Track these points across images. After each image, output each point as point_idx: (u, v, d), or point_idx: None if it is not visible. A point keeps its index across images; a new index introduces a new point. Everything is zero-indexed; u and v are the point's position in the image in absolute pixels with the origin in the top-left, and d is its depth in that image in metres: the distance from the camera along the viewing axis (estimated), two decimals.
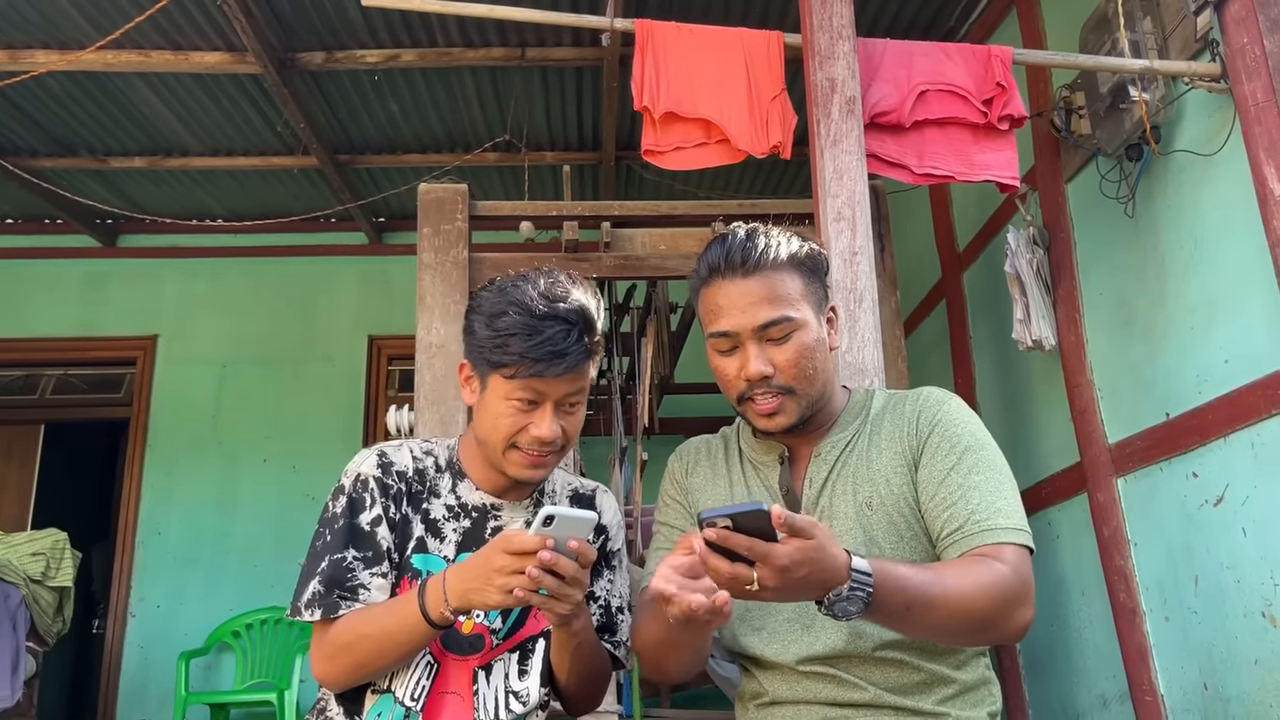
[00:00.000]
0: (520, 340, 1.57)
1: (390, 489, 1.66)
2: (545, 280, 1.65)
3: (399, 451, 1.72)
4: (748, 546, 1.22)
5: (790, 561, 1.22)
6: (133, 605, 5.82)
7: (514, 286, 1.64)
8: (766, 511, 1.21)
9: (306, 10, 4.16)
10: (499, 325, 1.60)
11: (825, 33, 2.55)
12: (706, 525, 1.23)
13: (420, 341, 3.38)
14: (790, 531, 1.23)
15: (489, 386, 1.63)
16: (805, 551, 1.23)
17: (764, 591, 1.24)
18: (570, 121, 5.16)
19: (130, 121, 5.05)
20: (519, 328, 1.58)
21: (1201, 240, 2.90)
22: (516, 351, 1.57)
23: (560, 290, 1.64)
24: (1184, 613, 3.01)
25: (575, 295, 1.64)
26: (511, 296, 1.62)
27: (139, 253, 6.35)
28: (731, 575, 1.23)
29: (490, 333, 1.61)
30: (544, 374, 1.58)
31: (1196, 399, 2.92)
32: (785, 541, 1.22)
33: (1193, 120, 2.94)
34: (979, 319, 4.42)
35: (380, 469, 1.67)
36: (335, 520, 1.63)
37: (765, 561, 1.22)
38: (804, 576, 1.23)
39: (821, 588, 1.27)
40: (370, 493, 1.65)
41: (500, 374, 1.60)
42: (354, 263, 6.40)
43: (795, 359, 1.57)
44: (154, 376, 6.15)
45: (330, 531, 1.63)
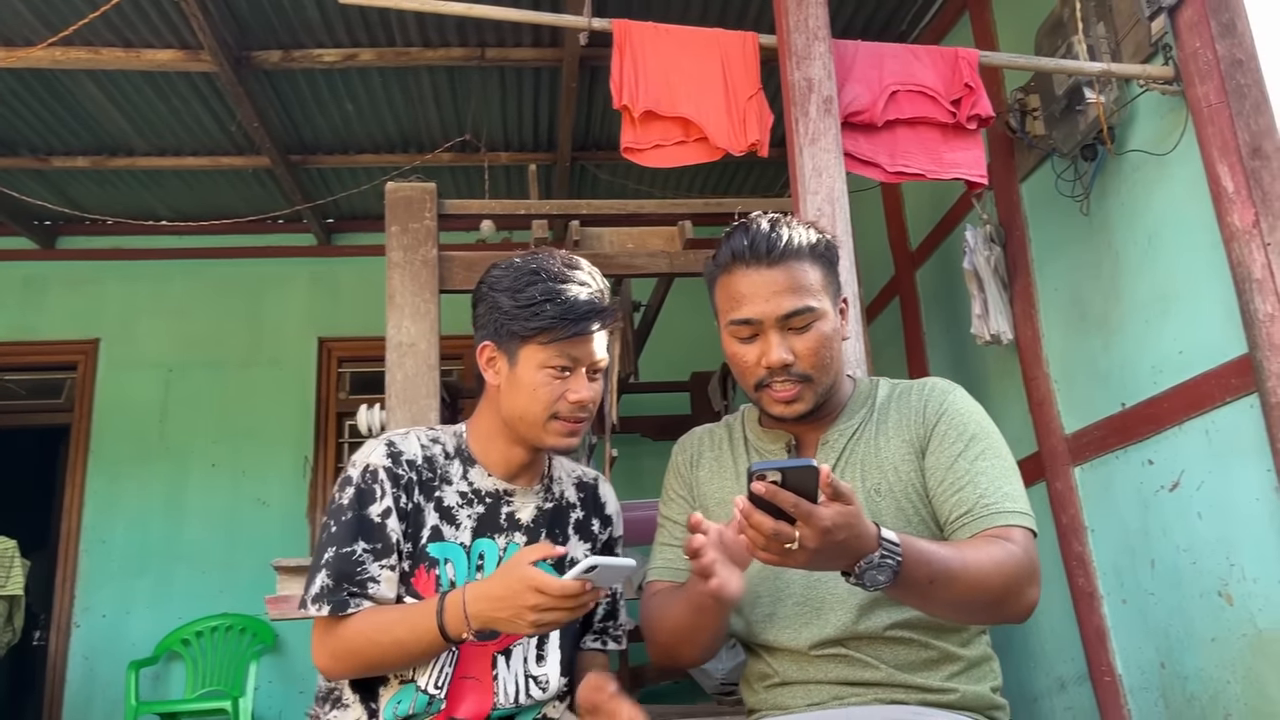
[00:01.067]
0: (554, 305, 1.63)
1: (401, 478, 1.67)
2: (559, 255, 1.74)
3: (406, 440, 1.73)
4: (794, 503, 1.25)
5: (833, 523, 1.26)
6: (77, 615, 5.68)
7: (531, 260, 1.71)
8: (816, 469, 1.24)
9: (264, 8, 4.11)
10: (527, 295, 1.65)
11: (801, 33, 2.61)
12: (756, 477, 1.26)
13: (390, 340, 3.37)
14: (833, 496, 1.27)
15: (520, 360, 1.68)
16: (846, 515, 1.27)
17: (800, 553, 1.27)
18: (527, 122, 5.17)
19: (75, 120, 4.93)
20: (549, 293, 1.64)
21: (1155, 236, 3.02)
22: (552, 315, 1.63)
23: (573, 260, 1.73)
24: (1141, 595, 3.12)
25: (585, 264, 1.73)
26: (533, 268, 1.69)
27: (79, 255, 6.19)
28: (774, 531, 1.26)
29: (518, 304, 1.66)
30: (583, 333, 1.64)
31: (1152, 389, 3.04)
32: (828, 504, 1.26)
33: (1146, 121, 3.06)
34: (933, 315, 4.53)
35: (390, 459, 1.67)
36: (343, 512, 1.63)
37: (809, 521, 1.25)
38: (842, 541, 1.27)
39: (853, 555, 1.31)
40: (380, 484, 1.64)
41: (535, 343, 1.65)
42: (303, 264, 6.32)
43: (815, 348, 1.62)
44: (96, 381, 6.00)
45: (337, 523, 1.63)
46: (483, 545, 1.72)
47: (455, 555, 1.69)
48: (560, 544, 1.81)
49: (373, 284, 5.60)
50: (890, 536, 1.34)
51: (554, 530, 1.81)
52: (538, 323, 1.64)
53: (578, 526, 1.85)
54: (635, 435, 5.35)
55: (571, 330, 1.64)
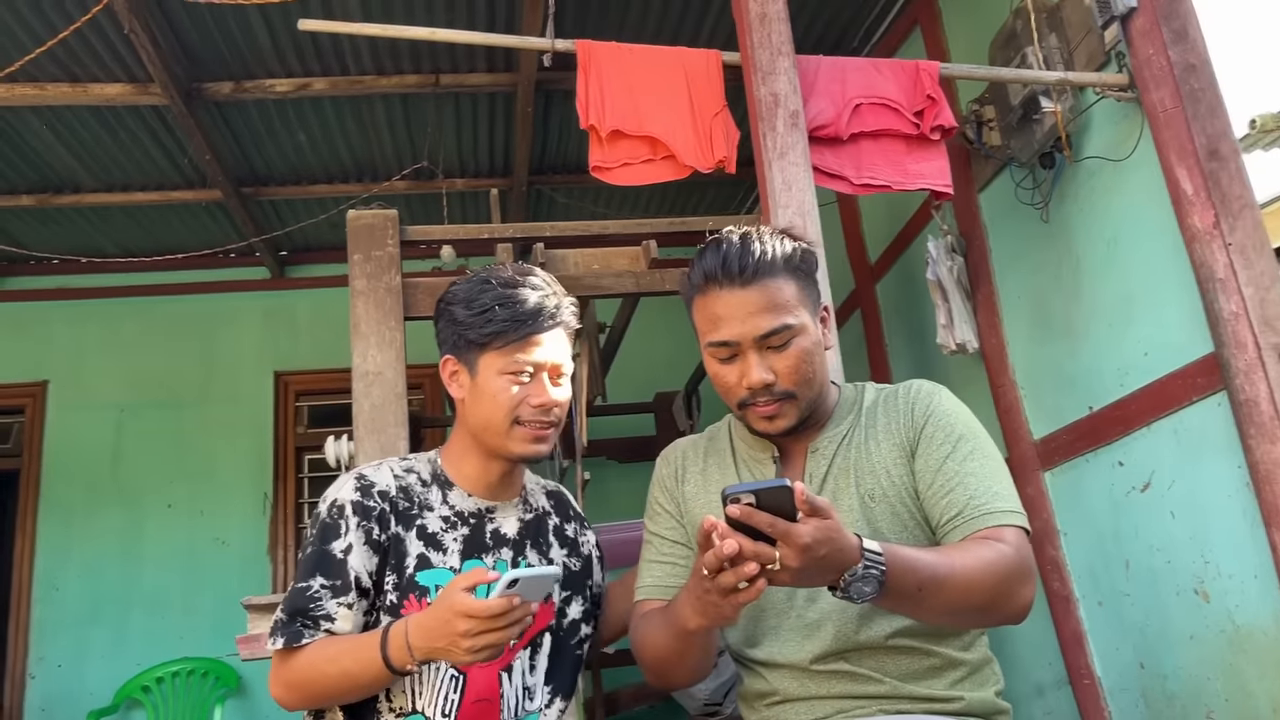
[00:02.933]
0: (505, 308, 1.66)
1: (372, 510, 1.65)
2: (511, 265, 1.79)
3: (379, 471, 1.72)
4: (770, 524, 1.23)
5: (812, 540, 1.24)
6: (31, 666, 5.50)
7: (485, 271, 1.76)
8: (790, 488, 1.24)
9: (214, 39, 4.05)
10: (480, 302, 1.69)
11: (766, 50, 2.62)
12: (730, 501, 1.24)
13: (357, 370, 3.31)
14: (810, 511, 1.25)
15: (480, 369, 1.69)
16: (825, 530, 1.26)
17: (784, 572, 1.25)
18: (483, 147, 5.15)
19: (19, 158, 4.82)
20: (501, 299, 1.68)
21: (1115, 240, 3.07)
22: (504, 319, 1.66)
23: (526, 268, 1.77)
24: (1116, 596, 3.15)
25: (540, 272, 1.77)
26: (485, 277, 1.73)
27: (24, 295, 6.04)
28: (754, 554, 1.24)
29: (472, 312, 1.69)
30: (535, 333, 1.66)
31: (1119, 391, 3.08)
32: (805, 520, 1.25)
33: (1102, 128, 3.11)
34: (894, 327, 4.57)
35: (359, 492, 1.66)
36: (307, 547, 1.64)
37: (787, 540, 1.23)
38: (824, 556, 1.26)
39: (837, 569, 1.29)
40: (345, 520, 1.63)
41: (491, 350, 1.67)
42: (256, 298, 6.22)
43: (796, 365, 1.60)
44: (45, 424, 5.85)
45: (303, 558, 1.64)
46: (472, 566, 1.70)
47: (446, 580, 1.65)
48: (545, 553, 1.82)
49: (329, 315, 5.59)
50: (872, 547, 1.32)
51: (538, 540, 1.82)
52: (490, 328, 1.66)
53: (557, 533, 1.87)
54: (601, 458, 5.32)
55: (524, 331, 1.66)
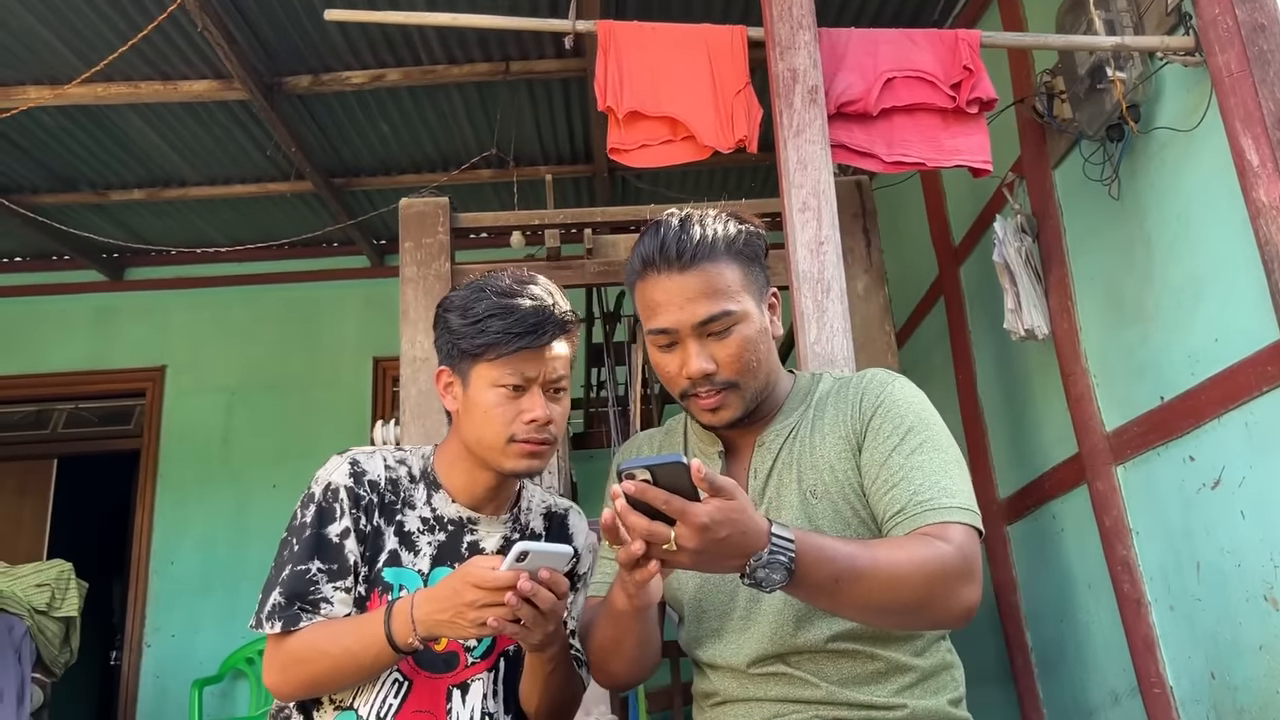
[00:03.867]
0: (499, 319, 1.59)
1: (362, 499, 1.62)
2: (511, 273, 1.69)
3: (371, 460, 1.68)
4: (665, 500, 1.18)
5: (710, 520, 1.18)
6: (148, 635, 5.84)
7: (481, 280, 1.68)
8: (685, 465, 1.18)
9: (288, 33, 4.18)
10: (475, 312, 1.61)
11: (785, 23, 2.53)
12: (626, 477, 1.19)
13: (405, 355, 3.38)
14: (711, 490, 1.19)
15: (473, 381, 1.63)
16: (726, 511, 1.20)
17: (681, 554, 1.20)
18: (561, 134, 5.16)
19: (127, 154, 5.09)
20: (495, 309, 1.60)
21: (1185, 217, 2.84)
22: (498, 330, 1.58)
23: (527, 276, 1.68)
24: (1188, 601, 2.93)
25: (541, 280, 1.68)
26: (480, 285, 1.66)
27: (145, 285, 6.41)
28: (648, 533, 1.19)
29: (466, 321, 1.62)
30: (529, 346, 1.58)
31: (1189, 380, 2.85)
32: (706, 500, 1.19)
33: (1170, 97, 2.88)
34: (977, 313, 4.36)
35: (352, 478, 1.63)
36: (303, 529, 1.60)
37: (684, 519, 1.18)
38: (724, 539, 1.20)
39: (741, 554, 1.23)
40: (340, 503, 1.60)
41: (484, 361, 1.60)
42: (357, 286, 6.43)
43: (738, 353, 1.52)
44: (163, 407, 6.19)
45: (297, 541, 1.59)
46: (441, 574, 1.65)
47: (410, 582, 1.63)
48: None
49: None
50: (782, 532, 1.25)
51: None
52: (484, 339, 1.59)
53: None
54: None
55: (518, 344, 1.58)
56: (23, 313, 6.31)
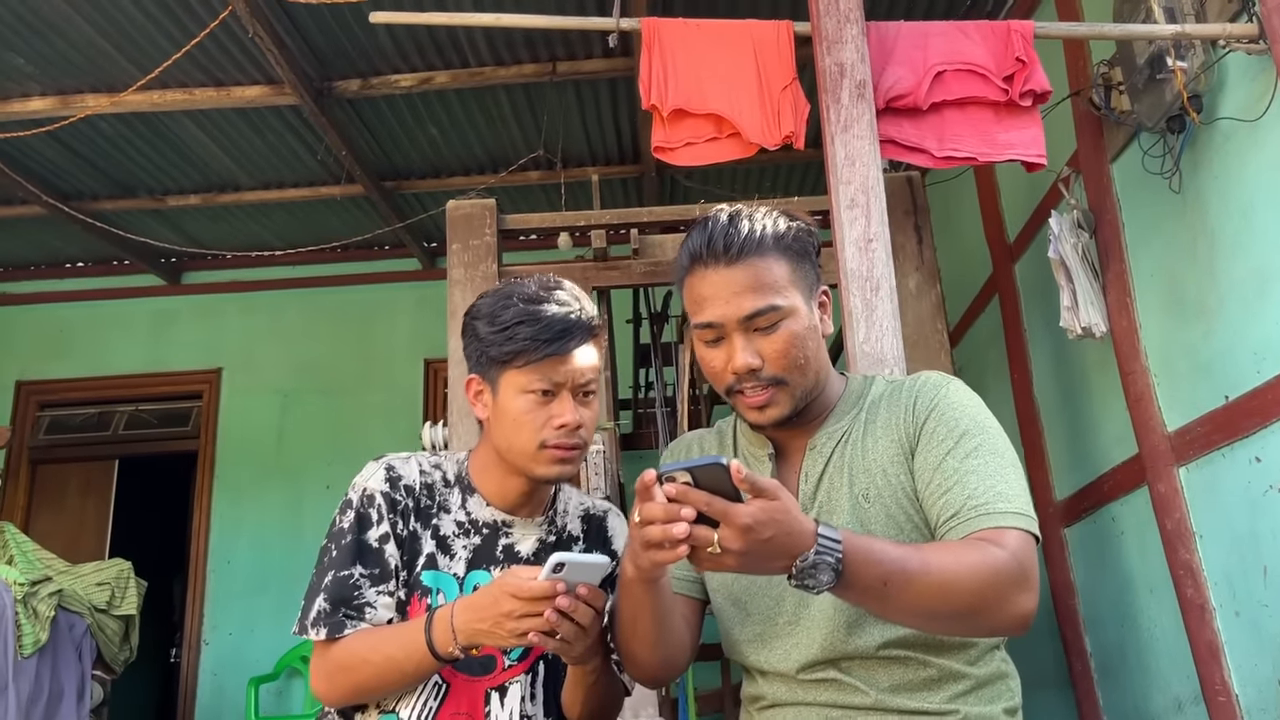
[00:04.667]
0: (527, 326, 1.59)
1: (398, 504, 1.63)
2: (537, 278, 1.69)
3: (407, 465, 1.68)
4: (706, 503, 1.16)
5: (754, 521, 1.16)
6: (206, 633, 5.94)
7: (507, 287, 1.68)
8: (725, 466, 1.16)
9: (337, 38, 4.22)
10: (502, 320, 1.61)
11: (832, 17, 2.49)
12: (665, 480, 1.18)
13: (453, 356, 3.39)
14: (754, 491, 1.17)
15: (501, 389, 1.63)
16: (769, 512, 1.17)
17: (726, 556, 1.18)
18: (609, 135, 5.15)
19: (183, 160, 5.18)
20: (523, 316, 1.60)
21: (1250, 210, 2.75)
22: (526, 337, 1.58)
23: (553, 282, 1.68)
24: (1254, 606, 2.83)
25: (568, 285, 1.68)
26: (507, 292, 1.66)
27: (202, 289, 6.52)
28: (691, 537, 1.17)
29: (494, 329, 1.62)
30: (558, 353, 1.58)
31: (1255, 379, 2.76)
32: (749, 501, 1.17)
33: (1234, 86, 2.79)
34: (1033, 310, 4.27)
35: (388, 484, 1.64)
36: (343, 535, 1.60)
37: (727, 520, 1.16)
38: (769, 539, 1.18)
39: (787, 555, 1.20)
40: (378, 509, 1.61)
41: (513, 368, 1.60)
42: (408, 288, 6.48)
43: (784, 349, 1.49)
44: (219, 408, 6.30)
45: (337, 547, 1.60)
46: (477, 577, 1.66)
47: (448, 586, 1.64)
48: None
49: None
50: (829, 533, 1.22)
51: None
52: (512, 346, 1.59)
53: None
54: None
55: (545, 351, 1.58)
56: (84, 317, 6.46)
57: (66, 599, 4.02)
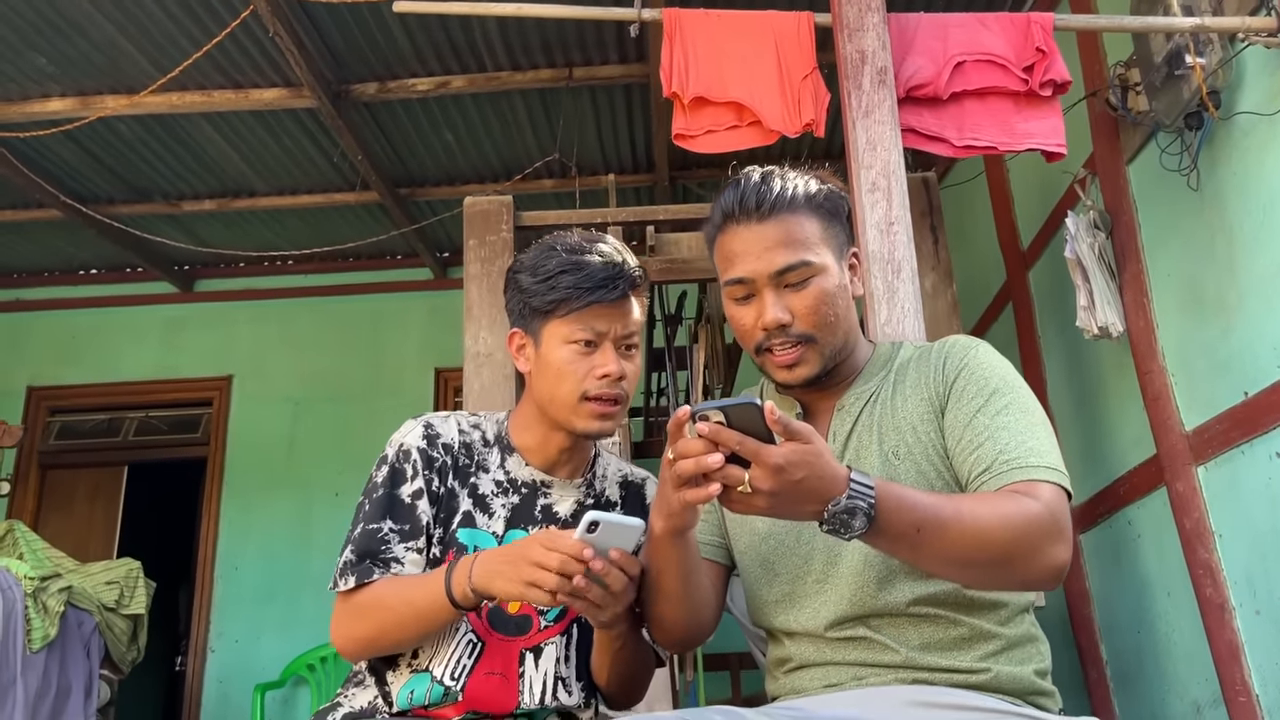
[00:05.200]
0: (570, 275, 1.59)
1: (435, 461, 1.63)
2: (579, 231, 1.71)
3: (445, 423, 1.69)
4: (739, 442, 1.16)
5: (785, 461, 1.16)
6: (212, 640, 5.91)
7: (550, 239, 1.69)
8: (759, 406, 1.16)
9: (356, 40, 4.25)
10: (546, 269, 1.62)
11: (854, 5, 2.50)
12: (699, 419, 1.18)
13: (468, 351, 3.40)
14: (787, 434, 1.17)
15: (544, 340, 1.63)
16: (801, 454, 1.17)
17: (757, 496, 1.17)
18: (623, 142, 5.18)
19: (198, 164, 5.21)
20: (566, 265, 1.61)
21: (1271, 204, 2.75)
22: (569, 285, 1.59)
23: (596, 235, 1.69)
24: (1275, 604, 2.81)
25: (610, 239, 1.68)
26: (551, 244, 1.66)
27: (214, 296, 6.54)
28: (723, 475, 1.17)
29: (537, 279, 1.62)
30: (601, 300, 1.58)
31: (1276, 373, 2.75)
32: (781, 444, 1.17)
33: (1253, 81, 2.80)
34: (1047, 317, 4.27)
35: (425, 440, 1.64)
36: (375, 490, 1.61)
37: (758, 460, 1.16)
38: (800, 481, 1.17)
39: (819, 499, 1.20)
40: (413, 464, 1.61)
41: (556, 318, 1.61)
42: (420, 298, 6.49)
43: (815, 305, 1.50)
44: (229, 416, 6.30)
45: (370, 501, 1.61)
46: (515, 536, 1.65)
47: (485, 543, 1.63)
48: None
49: None
50: (862, 479, 1.22)
51: None
52: (555, 295, 1.59)
53: None
54: None
55: (589, 299, 1.58)
56: (96, 323, 6.48)
57: (76, 596, 4.01)
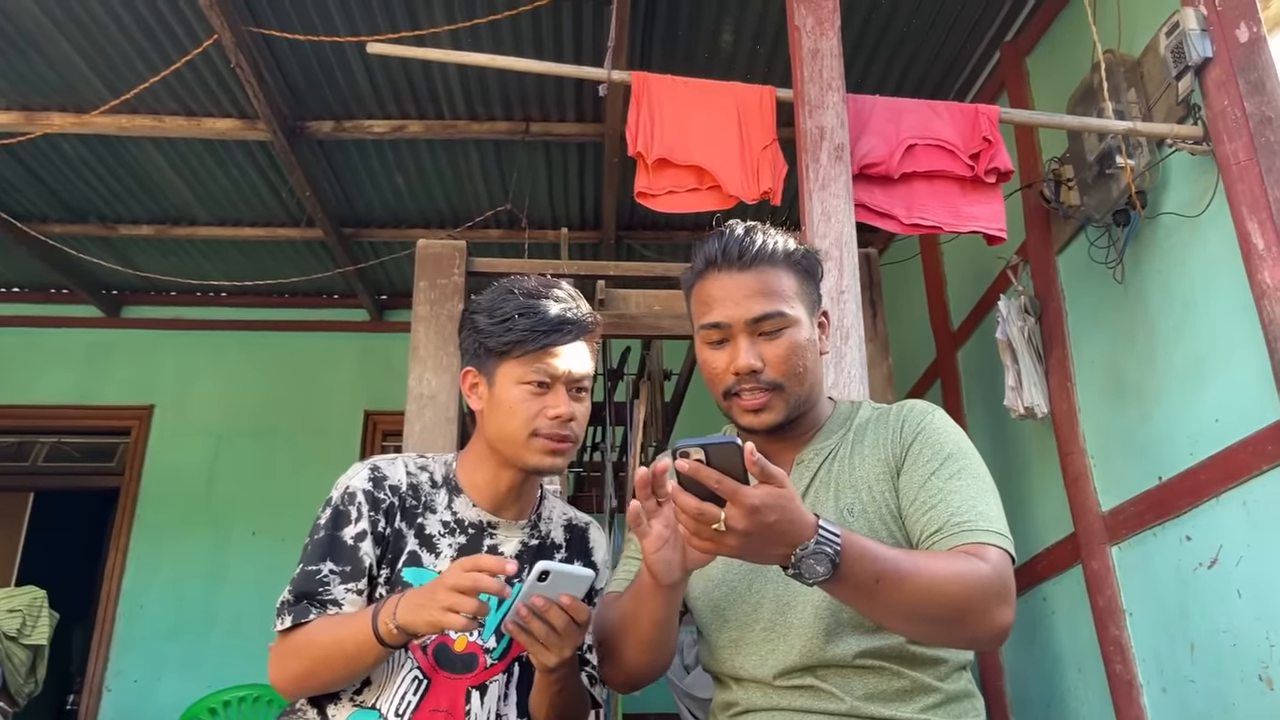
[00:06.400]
0: (526, 318, 1.64)
1: (381, 503, 1.64)
2: (536, 277, 1.75)
3: (392, 465, 1.71)
4: (717, 480, 1.20)
5: (761, 503, 1.20)
6: (109, 679, 5.67)
7: (507, 283, 1.73)
8: (739, 446, 1.20)
9: (317, 79, 4.27)
10: (502, 311, 1.66)
11: (815, 84, 2.62)
12: (679, 455, 1.21)
13: (411, 391, 3.39)
14: (762, 477, 1.21)
15: (498, 380, 1.66)
16: (776, 496, 1.21)
17: (730, 536, 1.21)
18: (573, 198, 5.26)
19: (140, 188, 5.14)
20: (523, 308, 1.65)
21: (1189, 301, 2.92)
22: (525, 328, 1.63)
23: (551, 280, 1.74)
24: (1181, 682, 2.93)
25: (565, 285, 1.74)
26: (508, 286, 1.71)
27: (141, 324, 6.39)
28: (698, 512, 1.21)
29: (493, 320, 1.66)
30: (554, 344, 1.63)
31: (1188, 460, 2.90)
32: (757, 485, 1.21)
33: (1177, 184, 2.99)
34: (974, 396, 4.42)
35: (371, 482, 1.65)
36: (318, 531, 1.62)
37: (735, 500, 1.20)
38: (772, 524, 1.21)
39: (788, 543, 1.24)
40: (357, 506, 1.62)
41: (510, 359, 1.64)
42: (354, 339, 6.44)
43: (786, 355, 1.56)
44: (148, 446, 6.12)
45: (312, 543, 1.61)
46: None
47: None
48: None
49: None
50: (829, 526, 1.27)
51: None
52: (510, 337, 1.64)
53: None
54: None
55: (542, 342, 1.63)
56: (14, 343, 6.26)
57: None
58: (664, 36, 4.06)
